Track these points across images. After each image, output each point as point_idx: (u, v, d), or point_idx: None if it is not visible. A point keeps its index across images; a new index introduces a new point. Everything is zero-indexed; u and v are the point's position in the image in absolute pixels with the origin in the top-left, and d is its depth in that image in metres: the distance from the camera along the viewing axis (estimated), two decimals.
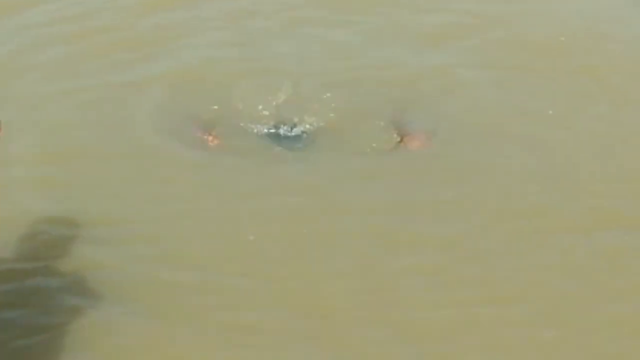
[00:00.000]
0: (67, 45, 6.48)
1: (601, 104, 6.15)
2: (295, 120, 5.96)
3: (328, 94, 6.17)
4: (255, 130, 5.89)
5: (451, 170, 5.58)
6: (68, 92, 6.08)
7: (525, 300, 4.75)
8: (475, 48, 6.66)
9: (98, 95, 6.06)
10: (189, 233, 5.10)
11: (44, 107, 5.94)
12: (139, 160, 5.59)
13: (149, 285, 4.75)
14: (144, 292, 4.71)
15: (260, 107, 6.06)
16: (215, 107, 6.03)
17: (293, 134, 5.89)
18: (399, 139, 5.84)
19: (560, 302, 4.73)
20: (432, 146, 5.77)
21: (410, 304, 4.72)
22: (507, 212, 5.28)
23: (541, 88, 6.29)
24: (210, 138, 5.80)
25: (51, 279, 4.76)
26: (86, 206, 5.23)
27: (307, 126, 5.94)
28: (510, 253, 5.01)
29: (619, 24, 6.96)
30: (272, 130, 5.89)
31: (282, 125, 5.93)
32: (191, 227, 5.14)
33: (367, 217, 5.23)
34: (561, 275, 4.88)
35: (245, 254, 4.98)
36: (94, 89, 6.11)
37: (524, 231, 5.15)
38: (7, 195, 5.25)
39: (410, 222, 5.20)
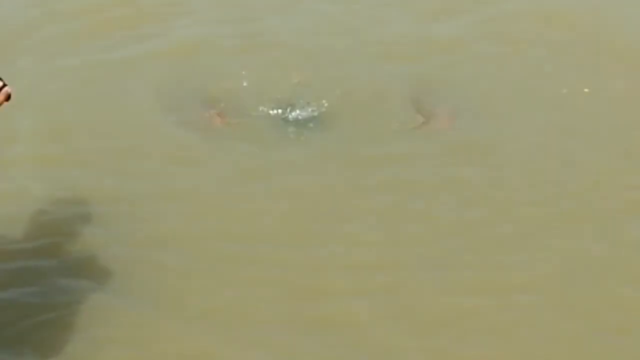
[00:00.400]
0: (68, 23, 6.43)
1: (617, 81, 6.03)
2: (303, 99, 5.80)
3: (339, 72, 6.06)
4: (261, 109, 5.77)
5: (469, 151, 5.47)
6: (68, 69, 6.03)
7: (535, 288, 4.65)
8: (485, 21, 6.55)
9: (98, 72, 6.02)
10: (189, 213, 5.03)
11: (44, 85, 5.87)
12: (139, 139, 5.53)
13: (147, 266, 4.67)
14: (143, 274, 4.63)
15: (267, 85, 5.94)
16: (219, 84, 5.94)
17: (304, 114, 5.72)
18: (422, 120, 5.70)
19: (571, 290, 4.64)
20: (455, 127, 5.66)
21: (418, 289, 4.63)
22: (525, 196, 5.18)
23: (555, 63, 6.18)
24: (215, 117, 5.68)
25: (48, 259, 4.69)
26: (85, 184, 5.18)
27: (320, 106, 5.77)
28: (526, 238, 4.91)
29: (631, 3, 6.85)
30: (281, 110, 5.74)
31: (291, 105, 5.76)
32: (192, 208, 5.07)
33: (381, 201, 5.13)
34: (574, 263, 4.78)
35: (246, 236, 4.90)
36: (95, 67, 6.06)
37: (541, 217, 5.04)
38: (5, 172, 5.20)
39: (425, 205, 5.11)
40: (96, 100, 5.77)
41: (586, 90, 5.90)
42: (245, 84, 5.93)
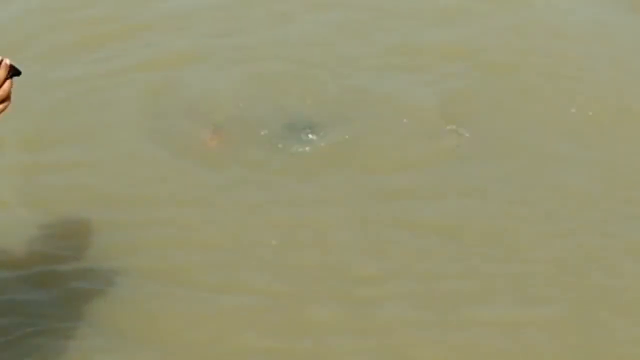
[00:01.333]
0: (56, 36, 6.27)
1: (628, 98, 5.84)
2: (305, 118, 5.58)
3: (344, 84, 5.82)
4: (261, 131, 5.51)
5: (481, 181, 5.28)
6: (56, 82, 5.88)
7: (543, 325, 4.56)
8: (493, 31, 6.37)
9: (86, 85, 5.86)
10: (177, 241, 4.91)
11: (32, 97, 5.72)
12: (123, 161, 5.36)
13: (129, 298, 4.59)
14: (125, 306, 4.55)
15: (267, 101, 5.72)
16: (213, 100, 5.72)
17: (310, 138, 5.42)
18: (460, 139, 5.44)
19: (580, 328, 4.54)
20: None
21: (418, 327, 4.53)
22: (539, 231, 5.02)
23: (567, 80, 5.98)
24: (209, 137, 5.46)
25: (13, 270, 4.70)
26: (67, 196, 5.12)
27: (326, 124, 5.51)
28: (538, 275, 4.79)
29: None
30: (284, 134, 5.45)
31: (296, 127, 5.47)
32: (181, 235, 4.94)
33: (387, 236, 4.96)
34: (584, 300, 4.68)
35: (236, 266, 4.79)
36: (83, 80, 5.90)
37: (553, 253, 4.91)
38: None
39: (431, 242, 4.94)
40: (83, 114, 5.63)
41: (590, 113, 5.71)
42: (242, 104, 5.72)
